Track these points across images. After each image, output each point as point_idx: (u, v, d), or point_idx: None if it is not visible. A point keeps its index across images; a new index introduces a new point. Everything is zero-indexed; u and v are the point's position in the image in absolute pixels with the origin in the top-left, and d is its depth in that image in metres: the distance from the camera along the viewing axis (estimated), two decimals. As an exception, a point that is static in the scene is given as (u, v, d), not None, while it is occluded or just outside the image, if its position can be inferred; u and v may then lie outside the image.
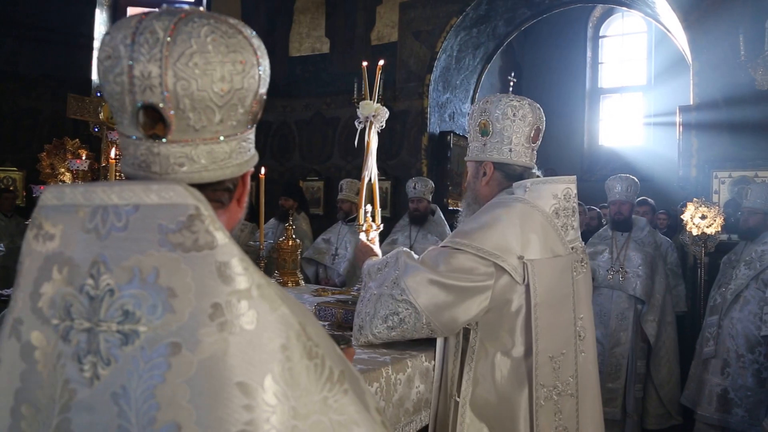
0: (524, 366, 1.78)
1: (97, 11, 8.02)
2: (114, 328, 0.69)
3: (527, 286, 1.75)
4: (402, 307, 1.76)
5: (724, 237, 4.74)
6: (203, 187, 0.79)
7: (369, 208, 2.41)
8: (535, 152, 1.99)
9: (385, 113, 2.30)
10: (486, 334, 1.80)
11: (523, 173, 1.95)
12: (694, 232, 4.57)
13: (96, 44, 8.01)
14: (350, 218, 5.31)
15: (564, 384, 1.81)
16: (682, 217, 4.71)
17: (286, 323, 0.71)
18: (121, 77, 0.76)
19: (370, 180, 2.32)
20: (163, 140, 0.78)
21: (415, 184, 5.16)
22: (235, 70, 0.78)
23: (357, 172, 7.29)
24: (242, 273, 0.70)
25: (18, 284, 0.77)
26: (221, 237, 0.70)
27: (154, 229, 0.70)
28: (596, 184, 6.49)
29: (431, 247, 1.89)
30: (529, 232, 1.78)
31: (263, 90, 0.84)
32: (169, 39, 0.74)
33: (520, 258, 1.75)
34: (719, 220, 4.53)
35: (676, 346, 4.56)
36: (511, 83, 2.34)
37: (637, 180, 4.57)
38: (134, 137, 0.80)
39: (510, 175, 1.94)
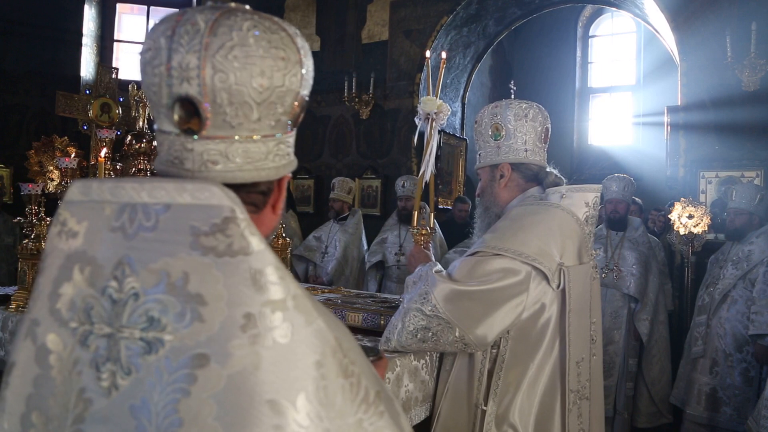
0: (558, 372, 1.78)
1: (86, 7, 7.95)
2: (137, 335, 0.65)
3: (563, 292, 1.75)
4: (434, 322, 1.72)
5: (711, 236, 4.79)
6: (237, 189, 0.74)
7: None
8: (545, 152, 2.01)
9: (447, 110, 2.16)
10: (517, 343, 1.78)
11: (539, 172, 1.96)
12: (682, 231, 4.61)
13: (85, 41, 7.95)
14: (341, 217, 5.31)
15: (582, 388, 1.83)
16: (669, 216, 4.75)
17: (321, 338, 0.66)
18: (159, 68, 0.73)
19: (427, 180, 2.18)
20: (197, 136, 0.74)
21: (403, 183, 5.16)
22: (276, 67, 0.74)
23: (347, 171, 7.32)
24: (277, 282, 0.65)
25: (38, 283, 0.73)
26: (257, 243, 0.66)
27: (186, 230, 0.66)
28: (586, 182, 6.53)
29: (460, 259, 1.83)
30: (566, 239, 1.79)
31: (305, 92, 0.80)
32: (209, 30, 0.72)
33: (560, 264, 1.74)
34: (706, 220, 4.57)
35: (668, 344, 4.61)
36: (513, 90, 2.35)
37: (633, 180, 4.61)
38: (169, 132, 0.76)
39: (528, 175, 1.95)
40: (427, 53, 2.29)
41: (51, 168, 4.08)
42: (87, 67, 7.91)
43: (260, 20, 0.75)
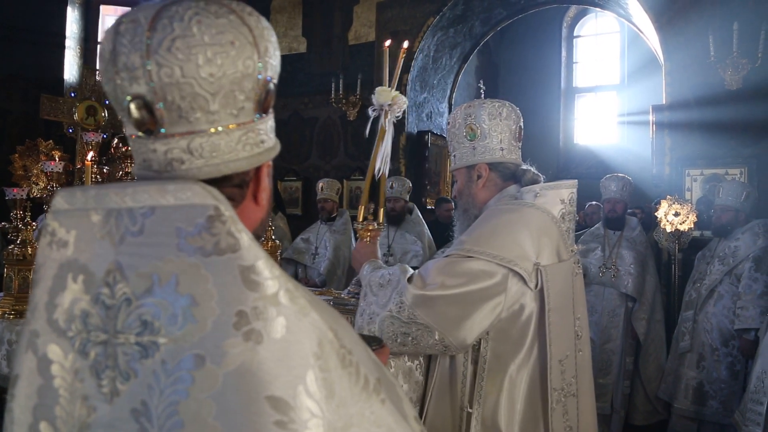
0: (538, 372, 1.78)
1: (69, 9, 7.87)
2: (132, 340, 0.65)
3: (541, 292, 1.74)
4: (413, 328, 1.70)
5: (697, 233, 4.84)
6: (209, 184, 0.73)
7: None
8: (520, 150, 2.01)
9: (403, 102, 2.07)
10: (498, 343, 1.77)
11: (516, 171, 1.95)
12: (668, 228, 4.65)
13: (68, 43, 7.87)
14: (331, 217, 5.31)
15: (568, 385, 1.82)
16: (656, 214, 4.80)
17: (317, 330, 0.65)
18: (110, 73, 0.71)
19: (378, 175, 2.08)
20: (157, 135, 0.72)
21: (392, 184, 5.16)
22: (225, 52, 0.70)
23: (335, 172, 7.31)
24: (268, 277, 0.64)
25: (34, 294, 0.72)
26: (244, 239, 0.65)
27: (172, 232, 0.65)
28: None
29: (433, 260, 1.82)
30: (542, 238, 1.77)
31: (269, 74, 0.76)
32: (149, 25, 0.69)
33: (536, 264, 1.73)
34: (692, 217, 4.62)
35: (664, 343, 4.65)
36: (482, 90, 2.33)
37: (631, 179, 4.66)
38: (135, 136, 0.74)
39: (505, 174, 1.94)
40: (387, 42, 2.22)
41: (36, 172, 4.02)
42: (70, 70, 7.83)
43: (204, 7, 0.71)
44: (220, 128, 0.73)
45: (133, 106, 0.71)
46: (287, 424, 0.61)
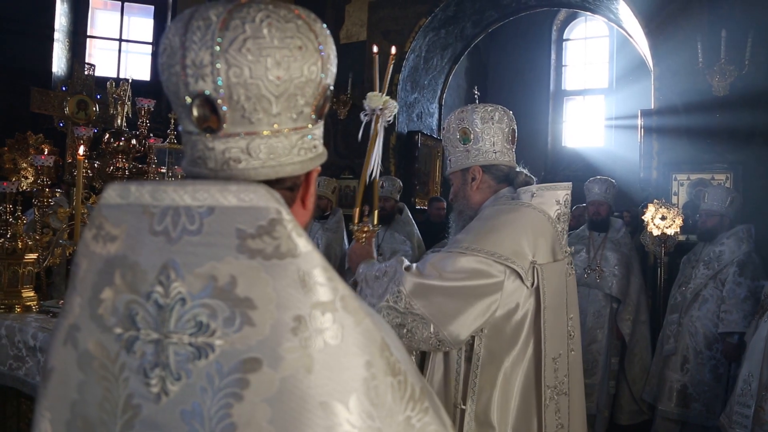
0: (532, 370, 1.80)
1: (58, 2, 7.78)
2: (186, 340, 0.64)
3: (537, 290, 1.77)
4: (409, 319, 1.72)
5: (683, 237, 4.91)
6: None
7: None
8: (514, 153, 2.04)
9: (394, 106, 2.11)
10: (492, 341, 1.79)
11: (509, 173, 1.99)
12: (655, 232, 4.71)
13: (57, 36, 7.78)
14: (323, 216, 5.32)
15: (560, 383, 1.85)
16: (643, 217, 4.85)
17: (370, 338, 0.66)
18: (175, 68, 0.72)
19: (371, 178, 2.11)
20: (217, 133, 0.73)
21: (382, 183, 5.18)
22: (293, 57, 0.72)
23: (325, 170, 7.26)
24: (326, 283, 0.65)
25: (74, 288, 0.70)
26: (304, 244, 0.65)
27: (232, 233, 0.65)
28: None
29: (432, 254, 1.84)
30: (538, 237, 1.81)
31: (328, 81, 0.78)
32: (221, 24, 0.70)
33: (533, 262, 1.76)
34: (678, 221, 4.68)
35: (649, 344, 4.71)
36: (477, 95, 2.35)
37: (615, 182, 4.70)
38: (192, 132, 0.75)
39: (498, 176, 1.97)
40: (375, 48, 2.25)
41: (25, 165, 3.98)
42: (59, 63, 7.75)
43: (274, 10, 0.72)
44: (279, 131, 0.75)
45: (197, 104, 0.72)
46: (338, 429, 0.61)
